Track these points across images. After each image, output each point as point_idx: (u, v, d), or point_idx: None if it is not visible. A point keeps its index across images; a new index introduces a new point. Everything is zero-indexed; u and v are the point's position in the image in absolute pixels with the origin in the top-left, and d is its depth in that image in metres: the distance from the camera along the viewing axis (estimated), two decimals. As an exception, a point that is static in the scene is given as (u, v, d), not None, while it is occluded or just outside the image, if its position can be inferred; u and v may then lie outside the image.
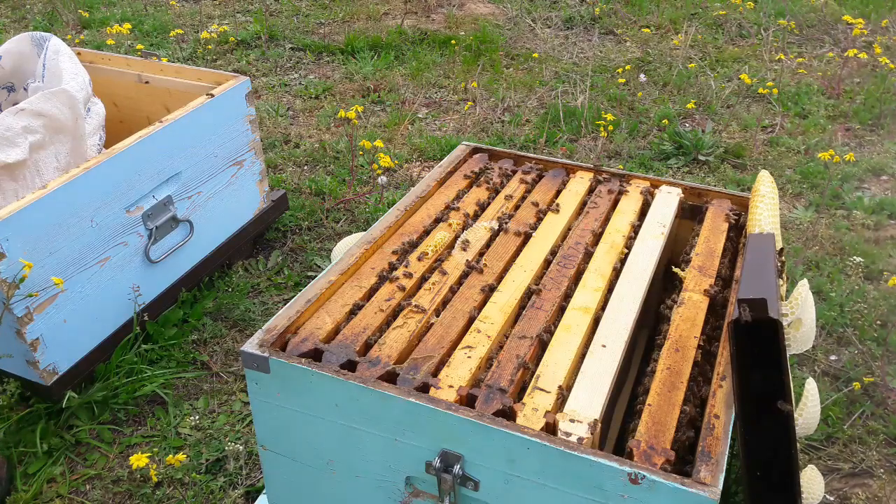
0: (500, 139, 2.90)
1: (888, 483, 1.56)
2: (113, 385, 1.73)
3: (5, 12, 4.17)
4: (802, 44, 3.80)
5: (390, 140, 2.91)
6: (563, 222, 1.38)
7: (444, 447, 0.98)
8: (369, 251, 1.30)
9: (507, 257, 1.29)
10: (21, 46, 1.94)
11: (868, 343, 1.88)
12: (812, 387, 1.13)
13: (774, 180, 1.37)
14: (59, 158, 1.75)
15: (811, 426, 1.14)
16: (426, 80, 3.40)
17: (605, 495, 0.89)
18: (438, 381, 1.01)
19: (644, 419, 0.97)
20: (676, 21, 4.02)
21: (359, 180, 2.61)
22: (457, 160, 1.59)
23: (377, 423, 1.01)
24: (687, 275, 1.25)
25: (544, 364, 1.05)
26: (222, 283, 2.09)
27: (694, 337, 1.11)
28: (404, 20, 4.06)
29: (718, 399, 0.99)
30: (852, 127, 2.97)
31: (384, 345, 1.08)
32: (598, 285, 1.21)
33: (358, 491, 1.10)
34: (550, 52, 3.73)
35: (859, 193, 2.52)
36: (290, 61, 3.60)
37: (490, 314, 1.14)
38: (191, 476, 1.55)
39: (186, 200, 1.90)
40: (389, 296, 1.19)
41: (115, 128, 2.08)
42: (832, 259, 2.18)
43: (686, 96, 3.22)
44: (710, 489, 0.84)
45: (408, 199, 1.44)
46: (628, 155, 2.79)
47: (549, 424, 0.94)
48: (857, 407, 1.71)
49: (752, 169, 2.68)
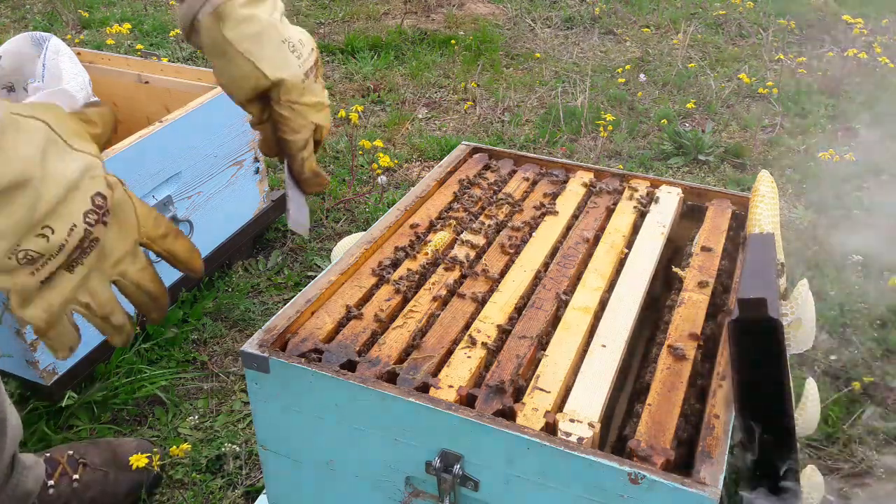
0: (500, 139, 2.90)
1: (888, 483, 1.56)
2: (113, 385, 1.73)
3: (5, 12, 4.17)
4: (802, 44, 3.80)
5: (390, 140, 2.91)
6: (563, 222, 1.38)
7: (444, 447, 0.98)
8: (369, 251, 1.30)
9: (507, 257, 1.29)
10: (21, 46, 1.94)
11: (868, 343, 1.89)
12: (812, 387, 1.13)
13: (774, 180, 1.37)
14: (59, 158, 1.75)
15: (811, 426, 1.14)
16: (426, 80, 3.40)
17: (604, 495, 0.89)
18: (438, 381, 1.01)
19: (644, 419, 0.97)
20: (676, 21, 4.02)
21: (359, 180, 2.61)
22: (457, 160, 1.59)
23: (377, 423, 1.01)
24: (687, 275, 1.25)
25: (544, 364, 1.05)
26: (222, 283, 2.09)
27: (694, 337, 1.11)
28: (404, 20, 4.06)
29: (718, 399, 0.99)
30: (852, 127, 2.97)
31: (384, 345, 1.08)
32: (598, 285, 1.21)
33: (358, 491, 1.10)
34: (550, 51, 3.73)
35: (859, 193, 2.52)
36: (290, 61, 3.60)
37: (490, 314, 1.14)
38: (190, 476, 1.55)
39: (186, 200, 1.90)
40: (389, 296, 1.19)
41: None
42: (832, 259, 2.18)
43: (686, 96, 3.22)
44: (710, 489, 0.84)
45: (408, 199, 1.44)
46: (628, 155, 2.79)
47: (549, 424, 0.94)
48: (857, 407, 1.71)
49: (752, 169, 2.69)
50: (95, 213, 0.70)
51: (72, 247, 0.69)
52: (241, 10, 0.87)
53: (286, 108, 0.91)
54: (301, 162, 0.96)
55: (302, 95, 0.91)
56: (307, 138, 0.95)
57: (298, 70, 0.90)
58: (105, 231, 0.72)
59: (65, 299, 0.72)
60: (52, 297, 0.70)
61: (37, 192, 0.65)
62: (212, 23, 0.87)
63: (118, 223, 0.74)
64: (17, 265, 0.66)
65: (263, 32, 0.88)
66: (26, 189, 0.64)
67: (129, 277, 0.77)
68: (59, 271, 0.70)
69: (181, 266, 0.82)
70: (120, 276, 0.77)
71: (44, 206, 0.65)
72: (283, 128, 0.93)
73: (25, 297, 0.69)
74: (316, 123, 0.95)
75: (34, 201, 0.65)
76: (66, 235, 0.68)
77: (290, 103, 0.91)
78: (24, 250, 0.66)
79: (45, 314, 0.71)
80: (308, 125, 0.94)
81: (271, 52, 0.88)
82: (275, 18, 0.89)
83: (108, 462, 1.48)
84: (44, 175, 0.65)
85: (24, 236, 0.65)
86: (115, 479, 1.47)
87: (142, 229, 0.77)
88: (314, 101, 0.93)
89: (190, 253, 0.82)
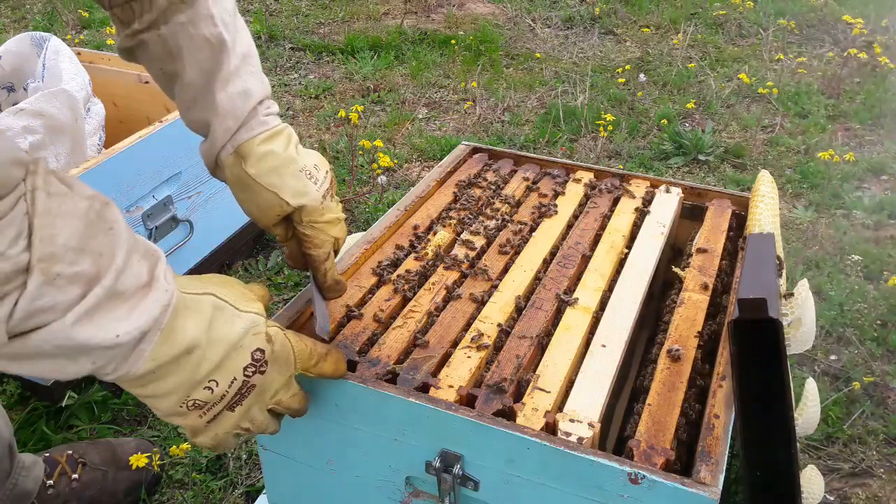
0: (500, 139, 2.90)
1: (888, 483, 1.56)
2: (112, 385, 1.73)
3: (5, 12, 4.17)
4: (802, 44, 3.81)
5: (390, 140, 2.91)
6: (563, 222, 1.38)
7: (444, 447, 0.98)
8: (369, 251, 1.30)
9: (507, 257, 1.29)
10: (21, 46, 1.94)
11: (868, 343, 1.89)
12: (812, 387, 1.13)
13: (774, 180, 1.37)
14: (59, 158, 1.75)
15: (811, 426, 1.14)
16: (426, 80, 3.40)
17: (604, 495, 0.89)
18: (438, 381, 1.01)
19: (644, 419, 0.97)
20: (676, 21, 4.02)
21: (359, 180, 2.61)
22: (457, 160, 1.59)
23: (377, 423, 1.01)
24: (687, 275, 1.25)
25: (544, 364, 1.05)
26: (222, 283, 2.09)
27: (694, 337, 1.11)
28: (404, 20, 4.06)
29: (718, 399, 0.99)
30: (852, 127, 2.97)
31: (384, 345, 1.08)
32: (598, 285, 1.21)
33: (358, 491, 1.10)
34: (550, 51, 3.73)
35: (859, 193, 2.52)
36: (290, 61, 3.61)
37: (490, 314, 1.14)
38: (190, 476, 1.55)
39: (186, 200, 1.90)
40: (389, 296, 1.19)
41: (115, 128, 2.08)
42: (832, 259, 2.18)
43: (686, 96, 3.22)
44: (710, 489, 0.84)
45: (408, 199, 1.44)
46: (628, 155, 2.79)
47: (548, 424, 0.94)
48: (857, 407, 1.71)
49: (752, 169, 2.69)
50: (254, 367, 0.84)
51: (232, 395, 0.83)
52: (260, 148, 0.96)
53: (308, 228, 1.01)
54: (324, 272, 1.06)
55: (322, 216, 1.01)
56: (329, 251, 1.05)
57: (317, 194, 1.00)
58: (262, 378, 0.86)
59: (227, 430, 0.86)
60: (218, 429, 0.85)
61: (202, 355, 0.79)
62: (234, 161, 0.97)
63: (277, 367, 0.87)
64: (188, 411, 0.81)
65: (282, 165, 0.98)
66: (192, 355, 0.78)
67: (283, 404, 0.91)
68: (223, 412, 0.84)
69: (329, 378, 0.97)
70: (276, 405, 0.91)
71: (208, 365, 0.80)
72: (307, 244, 1.03)
73: (195, 432, 0.84)
74: (335, 237, 1.05)
75: (199, 363, 0.79)
76: (227, 387, 0.82)
77: (311, 223, 1.01)
78: (193, 400, 0.80)
79: (212, 442, 0.86)
80: (329, 240, 1.04)
81: (291, 181, 0.98)
82: (290, 151, 0.98)
83: (108, 461, 1.48)
84: (209, 340, 0.79)
85: (192, 390, 0.80)
86: (115, 478, 1.47)
87: (298, 365, 0.90)
88: (332, 218, 1.03)
89: (336, 367, 0.96)
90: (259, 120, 0.97)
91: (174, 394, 0.79)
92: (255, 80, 0.97)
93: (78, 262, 0.67)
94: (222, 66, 0.94)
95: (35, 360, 0.68)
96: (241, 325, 0.83)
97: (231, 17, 0.96)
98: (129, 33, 0.94)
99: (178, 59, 0.94)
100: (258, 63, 0.99)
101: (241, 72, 0.95)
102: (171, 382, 0.78)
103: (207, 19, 0.92)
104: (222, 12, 0.94)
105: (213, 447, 0.87)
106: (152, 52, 0.94)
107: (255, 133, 0.96)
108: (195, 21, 0.92)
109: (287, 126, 1.01)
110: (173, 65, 0.94)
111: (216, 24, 0.93)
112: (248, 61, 0.97)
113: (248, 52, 0.97)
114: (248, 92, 0.96)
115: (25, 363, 0.68)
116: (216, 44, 0.93)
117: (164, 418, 0.82)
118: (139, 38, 0.94)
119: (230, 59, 0.94)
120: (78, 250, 0.67)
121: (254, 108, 0.97)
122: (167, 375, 0.77)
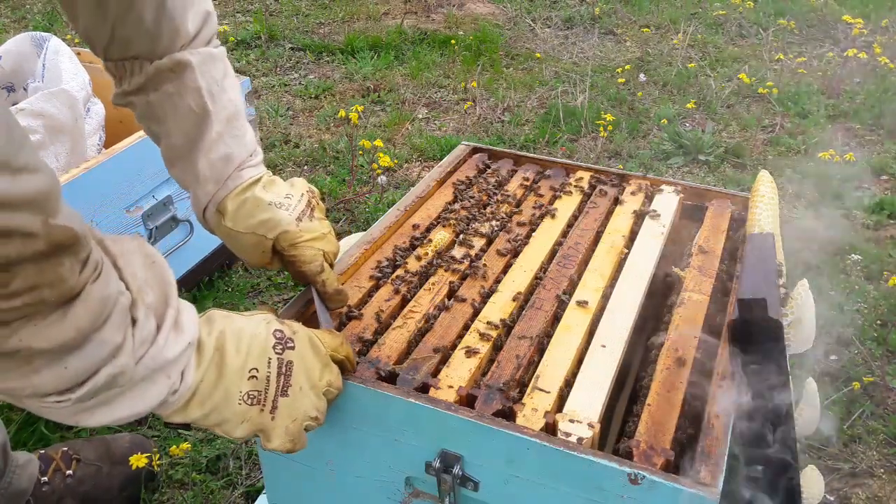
0: (500, 139, 2.90)
1: (888, 483, 1.56)
2: (113, 385, 1.73)
3: (5, 12, 4.17)
4: (802, 44, 3.81)
5: (390, 140, 2.91)
6: (563, 222, 1.38)
7: (444, 447, 0.98)
8: (369, 251, 1.30)
9: (507, 257, 1.29)
10: (21, 46, 1.94)
11: (868, 343, 1.89)
12: (812, 387, 1.13)
13: (774, 180, 1.37)
14: (59, 158, 1.75)
15: (811, 426, 1.14)
16: (426, 80, 3.40)
17: (604, 495, 0.89)
18: (438, 382, 1.01)
19: (644, 419, 0.97)
20: (676, 21, 4.02)
21: (359, 180, 2.61)
22: (457, 160, 1.59)
23: (377, 424, 1.01)
24: (687, 275, 1.25)
25: (544, 364, 1.05)
26: (222, 282, 2.09)
27: (694, 337, 1.11)
28: (404, 20, 4.06)
29: (718, 399, 0.99)
30: (852, 127, 2.97)
31: (384, 345, 1.08)
32: (598, 285, 1.21)
33: (358, 491, 1.10)
34: (550, 51, 3.73)
35: (859, 193, 2.52)
36: (290, 61, 3.61)
37: (490, 314, 1.14)
38: (190, 476, 1.55)
39: (186, 200, 1.90)
40: (389, 296, 1.19)
41: (115, 128, 2.08)
42: (832, 259, 2.18)
43: (686, 96, 3.22)
44: (710, 489, 0.84)
45: (408, 199, 1.44)
46: (628, 155, 2.79)
47: (548, 424, 0.94)
48: (857, 407, 1.71)
49: (752, 169, 2.69)
50: (281, 344, 0.90)
51: (276, 377, 0.89)
52: (235, 201, 1.04)
53: (291, 249, 1.08)
54: (322, 283, 1.11)
55: (300, 236, 1.08)
56: (320, 264, 1.10)
57: (291, 219, 1.07)
58: (294, 353, 0.91)
59: (296, 419, 0.91)
60: (286, 422, 0.90)
61: (231, 350, 0.86)
62: (217, 218, 1.06)
63: (306, 347, 0.93)
64: (249, 407, 0.87)
65: (254, 208, 1.05)
66: (223, 352, 0.86)
67: (333, 385, 0.96)
68: (278, 398, 0.89)
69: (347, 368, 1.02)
70: (328, 387, 0.95)
71: (240, 356, 0.87)
72: (297, 263, 1.09)
73: (267, 433, 0.90)
74: (322, 250, 1.11)
75: (232, 356, 0.86)
76: (268, 368, 0.89)
77: (292, 246, 1.08)
78: (247, 392, 0.87)
79: (286, 437, 0.91)
80: (317, 254, 1.10)
81: (264, 217, 1.05)
82: (259, 193, 1.05)
83: (102, 457, 1.48)
84: (231, 334, 0.87)
85: (240, 382, 0.86)
86: (109, 473, 1.47)
87: (325, 343, 0.96)
88: (313, 236, 1.09)
89: (351, 353, 1.02)
90: (234, 176, 1.04)
91: (229, 394, 0.85)
92: (238, 143, 1.03)
93: (149, 293, 0.76)
94: (205, 135, 1.00)
95: (117, 400, 0.75)
96: (253, 319, 0.92)
97: (218, 85, 1.02)
98: (119, 93, 1.02)
99: (163, 123, 1.01)
100: (244, 122, 1.05)
101: (225, 136, 1.02)
102: (220, 388, 0.85)
103: (194, 91, 0.99)
104: (210, 83, 1.00)
105: (291, 446, 0.92)
106: (140, 113, 1.03)
107: (230, 190, 1.04)
108: (182, 92, 0.99)
109: (262, 172, 1.07)
110: (159, 127, 1.03)
111: (202, 96, 0.99)
112: (232, 124, 1.03)
113: (233, 113, 1.03)
114: (229, 157, 1.02)
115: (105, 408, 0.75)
116: (200, 114, 1.00)
117: (240, 433, 0.88)
118: (129, 100, 1.02)
119: (213, 128, 1.00)
120: (146, 281, 0.76)
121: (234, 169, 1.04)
122: (214, 381, 0.84)
